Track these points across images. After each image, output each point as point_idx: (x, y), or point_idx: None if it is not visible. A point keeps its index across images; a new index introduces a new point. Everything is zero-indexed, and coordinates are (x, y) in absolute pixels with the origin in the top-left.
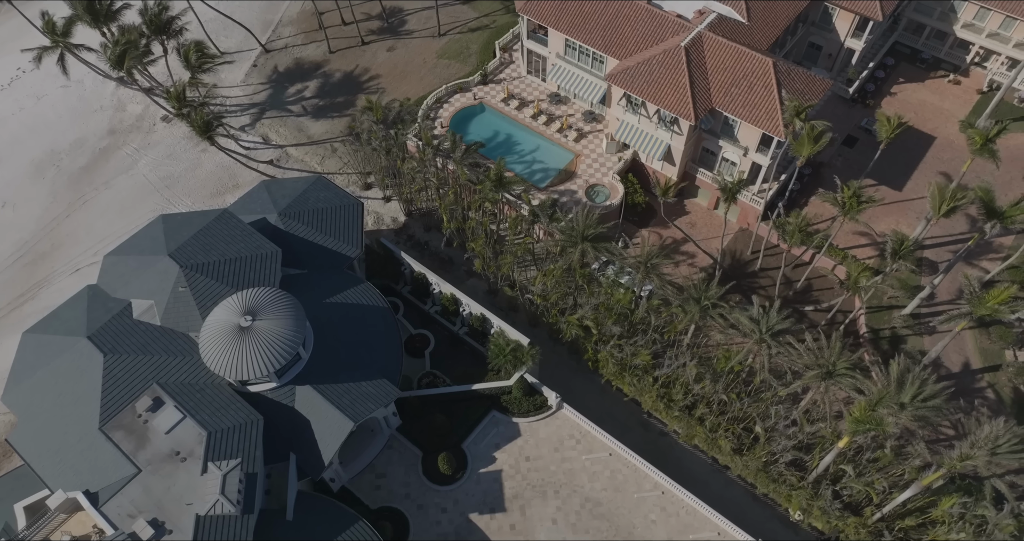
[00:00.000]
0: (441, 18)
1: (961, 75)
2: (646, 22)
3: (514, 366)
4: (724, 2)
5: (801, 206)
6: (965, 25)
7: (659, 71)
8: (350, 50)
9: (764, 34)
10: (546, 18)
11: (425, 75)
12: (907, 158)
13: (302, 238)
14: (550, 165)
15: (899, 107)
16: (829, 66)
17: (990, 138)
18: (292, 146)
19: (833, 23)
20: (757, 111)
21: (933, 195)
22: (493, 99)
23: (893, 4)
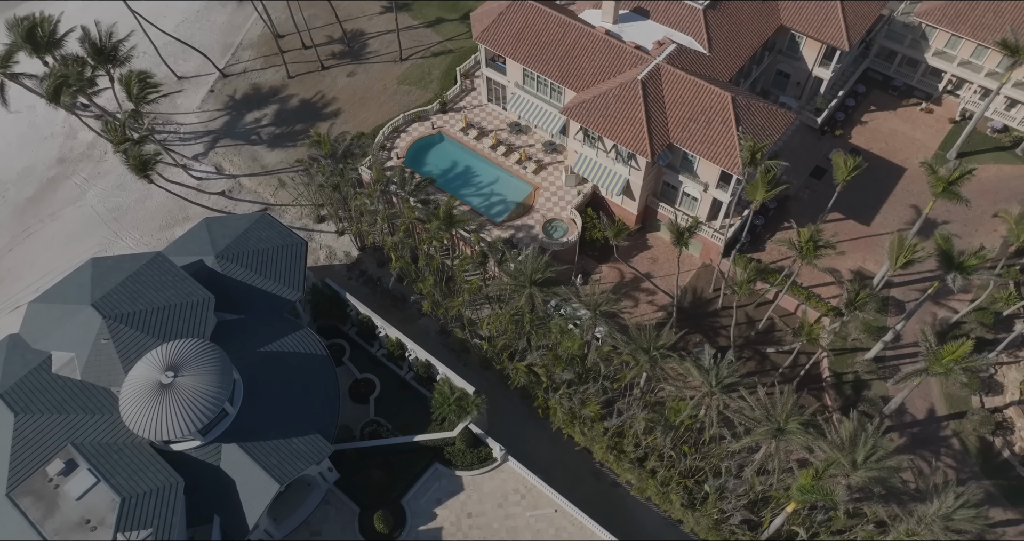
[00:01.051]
0: (404, 42)
1: (934, 103)
2: (604, 53)
3: (458, 416)
4: (685, 32)
5: (766, 240)
6: (936, 53)
7: (615, 105)
8: (309, 75)
9: (726, 65)
10: (503, 47)
11: (385, 102)
12: (876, 191)
13: (240, 281)
14: (508, 198)
15: (869, 136)
16: (798, 94)
17: (951, 181)
18: (245, 176)
19: (801, 51)
20: (715, 147)
21: (891, 246)
22: (452, 128)
23: (861, 33)
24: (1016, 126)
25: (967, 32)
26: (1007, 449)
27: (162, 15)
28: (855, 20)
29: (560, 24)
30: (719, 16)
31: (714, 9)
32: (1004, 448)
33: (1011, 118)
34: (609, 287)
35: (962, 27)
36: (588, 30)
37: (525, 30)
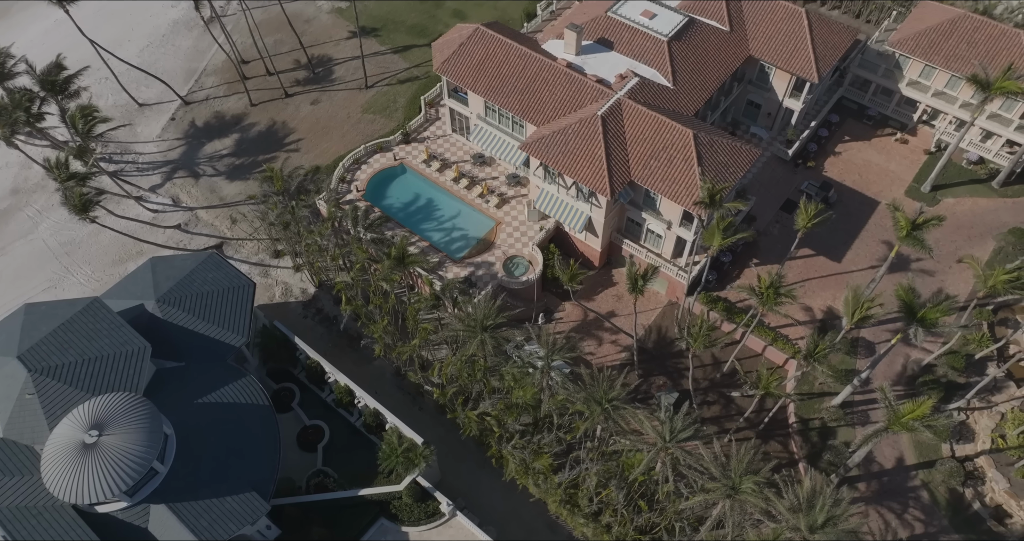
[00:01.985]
0: (370, 68)
1: (909, 134)
2: (564, 87)
3: (406, 469)
4: (649, 64)
5: (733, 279)
6: (911, 83)
7: (575, 141)
8: (273, 103)
9: (691, 98)
10: (464, 79)
11: (348, 131)
12: (848, 225)
13: (182, 327)
14: (469, 233)
15: (843, 168)
16: (769, 125)
17: (918, 224)
18: (203, 209)
19: (771, 82)
20: (676, 186)
21: (846, 301)
22: (415, 160)
23: (831, 65)
24: (992, 158)
25: (940, 63)
26: (977, 501)
27: (127, 39)
28: (825, 51)
29: (521, 56)
30: (684, 48)
31: (679, 40)
32: (974, 500)
33: (986, 150)
34: (572, 326)
35: (935, 57)
36: (549, 63)
37: (486, 62)
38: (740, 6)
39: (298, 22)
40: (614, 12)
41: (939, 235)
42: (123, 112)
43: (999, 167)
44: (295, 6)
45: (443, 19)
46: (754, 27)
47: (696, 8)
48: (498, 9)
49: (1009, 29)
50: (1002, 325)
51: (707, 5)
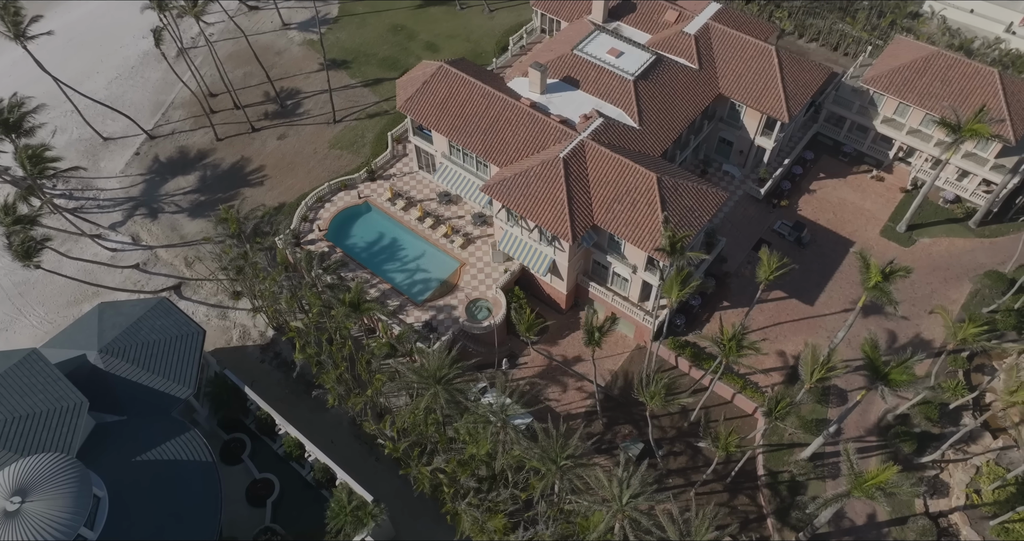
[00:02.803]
0: (339, 102)
1: (885, 171)
2: (528, 127)
3: (355, 528)
4: (615, 104)
5: (703, 321)
6: (885, 120)
7: (536, 184)
8: (239, 137)
9: (657, 139)
10: (426, 118)
11: (314, 167)
12: (822, 266)
13: (125, 379)
14: (433, 275)
15: (817, 206)
16: (742, 162)
17: (887, 274)
18: (163, 247)
19: (742, 120)
20: (640, 231)
21: (805, 361)
22: (380, 198)
23: (802, 104)
24: (968, 197)
25: (914, 101)
26: None
27: (96, 71)
28: (796, 90)
29: (484, 95)
30: (651, 87)
31: (646, 80)
32: None
33: (963, 189)
34: (537, 372)
35: (909, 95)
36: (512, 102)
37: (449, 100)
38: (710, 43)
39: (268, 54)
40: (580, 50)
41: (915, 277)
42: (87, 146)
43: (976, 206)
44: (267, 37)
45: (415, 52)
46: (724, 65)
47: (665, 45)
48: (471, 41)
49: (983, 68)
50: (979, 371)
51: (676, 42)
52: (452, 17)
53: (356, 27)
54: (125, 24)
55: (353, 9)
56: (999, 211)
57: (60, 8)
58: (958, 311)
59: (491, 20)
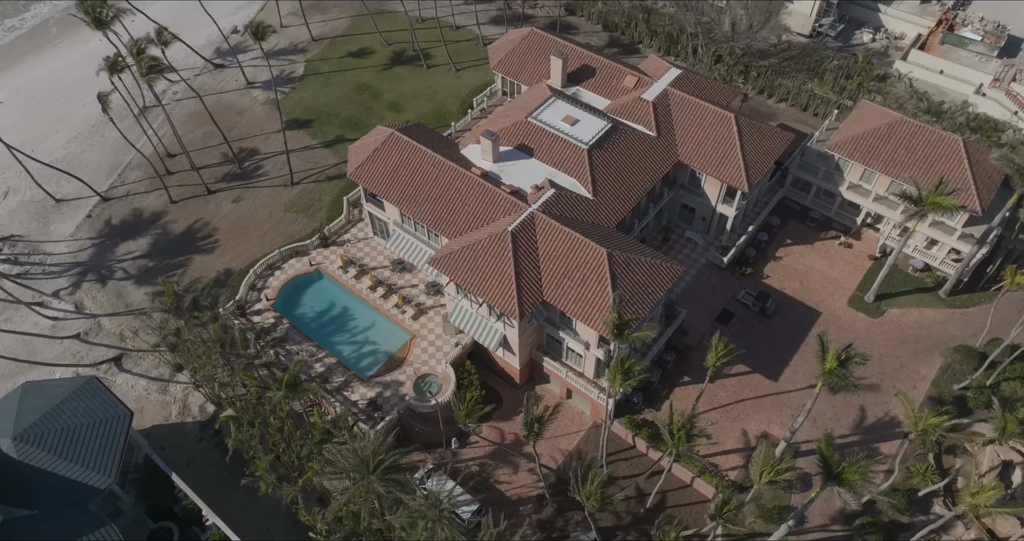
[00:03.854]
0: (298, 164)
1: (853, 237)
2: (478, 198)
3: None
4: (569, 173)
5: (663, 397)
6: (852, 186)
7: (484, 258)
8: (194, 200)
9: (612, 210)
10: (377, 186)
11: (268, 232)
12: (787, 339)
13: (39, 469)
14: (381, 348)
15: (783, 274)
16: (705, 229)
17: (843, 361)
18: (107, 316)
19: (703, 187)
20: (590, 308)
21: (755, 461)
22: (331, 265)
23: (763, 172)
24: (938, 266)
25: (879, 168)
26: None
27: (55, 130)
28: (756, 158)
29: (435, 164)
30: (606, 156)
31: (600, 148)
32: None
33: (932, 257)
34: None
35: (874, 162)
36: (463, 172)
37: (400, 168)
38: (669, 110)
39: (231, 113)
40: (534, 117)
41: (884, 350)
42: (39, 208)
43: (946, 275)
44: (231, 96)
45: (378, 112)
46: (683, 132)
47: (623, 112)
48: (436, 101)
49: (947, 135)
50: (951, 453)
51: (634, 108)
52: (418, 76)
53: (321, 86)
54: (88, 82)
55: (319, 68)
56: (970, 280)
57: (27, 66)
58: (928, 387)
59: (457, 79)
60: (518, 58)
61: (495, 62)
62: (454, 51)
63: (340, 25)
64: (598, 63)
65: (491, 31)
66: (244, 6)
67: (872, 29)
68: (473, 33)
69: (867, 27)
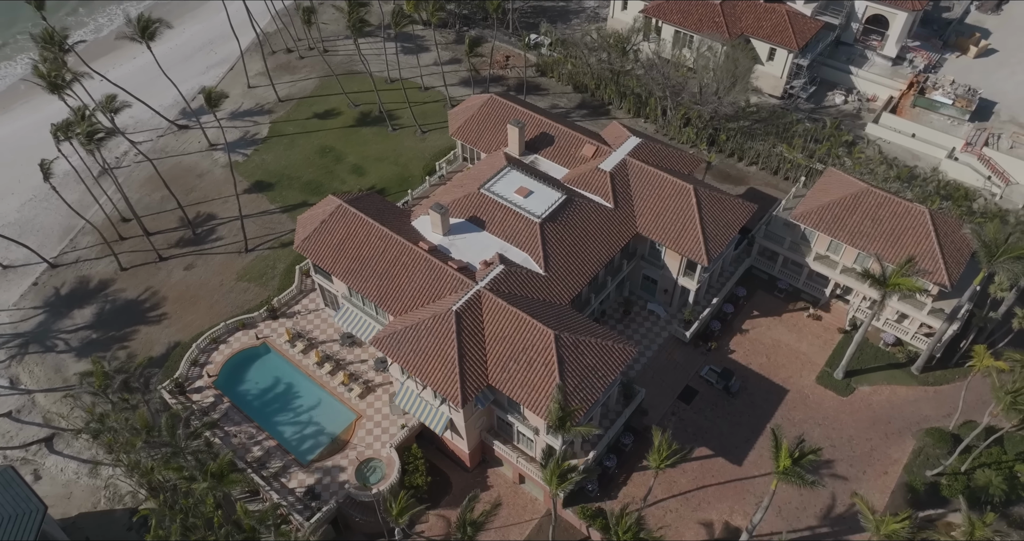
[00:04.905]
0: (255, 229)
1: (822, 309)
2: (425, 274)
3: None
4: (521, 248)
5: (620, 484)
6: (819, 257)
7: (427, 339)
8: (144, 267)
9: (565, 286)
10: (323, 260)
11: (218, 301)
12: (752, 420)
13: None
14: (325, 429)
15: (749, 349)
16: (667, 301)
17: (796, 459)
18: (42, 392)
19: (663, 259)
20: (536, 394)
21: None
22: (279, 339)
23: (722, 246)
24: (910, 340)
25: (846, 240)
26: None
27: (11, 192)
28: (716, 231)
29: (382, 238)
30: (559, 229)
31: (554, 221)
32: None
33: (903, 330)
34: None
35: (840, 234)
36: (410, 247)
37: (347, 241)
38: (627, 180)
39: (190, 176)
40: (487, 189)
41: (854, 431)
42: None
43: (918, 350)
44: (192, 158)
45: (340, 175)
46: (641, 203)
47: (580, 182)
48: (399, 165)
49: (914, 207)
50: None
51: (592, 179)
52: (383, 139)
53: (284, 148)
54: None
55: (283, 129)
56: (943, 355)
57: None
58: (900, 473)
59: (422, 142)
60: (477, 125)
61: (454, 129)
62: (421, 113)
63: (308, 86)
64: (557, 131)
65: (459, 92)
66: (215, 66)
67: (844, 91)
68: (442, 94)
69: (839, 89)
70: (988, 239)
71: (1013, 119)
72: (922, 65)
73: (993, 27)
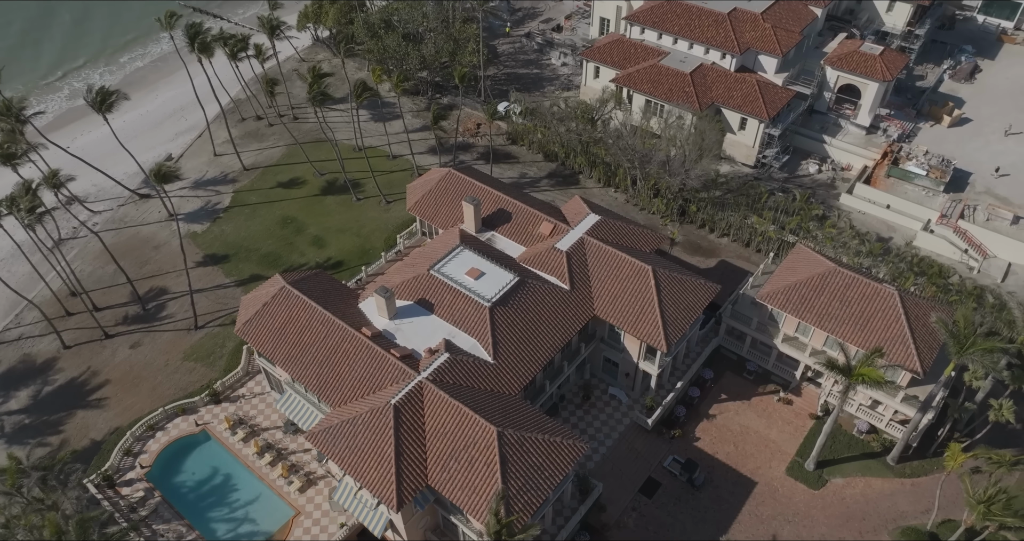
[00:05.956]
0: (207, 305)
1: (792, 393)
2: (366, 362)
3: None
4: (469, 333)
5: None
6: (787, 339)
7: (363, 435)
8: (89, 345)
9: (516, 375)
10: (263, 345)
11: (161, 383)
12: (719, 514)
13: None
14: (260, 527)
15: (716, 436)
16: (629, 385)
17: None
18: None
19: (623, 342)
20: (477, 497)
21: None
22: (219, 425)
23: (682, 331)
24: (885, 428)
25: (813, 322)
26: None
27: None
28: (675, 315)
29: (324, 322)
30: (510, 314)
31: (505, 305)
32: None
33: (878, 417)
34: None
35: (808, 316)
36: (351, 333)
37: (288, 326)
38: (584, 260)
39: (147, 248)
40: (437, 270)
41: (826, 529)
42: None
43: (893, 439)
44: (151, 229)
45: (300, 247)
46: (599, 284)
47: (536, 262)
48: (361, 236)
49: (883, 288)
50: None
51: (548, 259)
52: (347, 209)
53: (244, 219)
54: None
55: (246, 199)
56: (920, 444)
57: None
58: None
59: (386, 213)
60: (434, 200)
61: (411, 204)
62: (388, 182)
63: (275, 154)
64: (514, 207)
65: (428, 160)
66: (184, 132)
67: (818, 160)
68: (409, 162)
69: (813, 158)
70: (956, 330)
71: (988, 190)
72: (896, 134)
73: (967, 96)
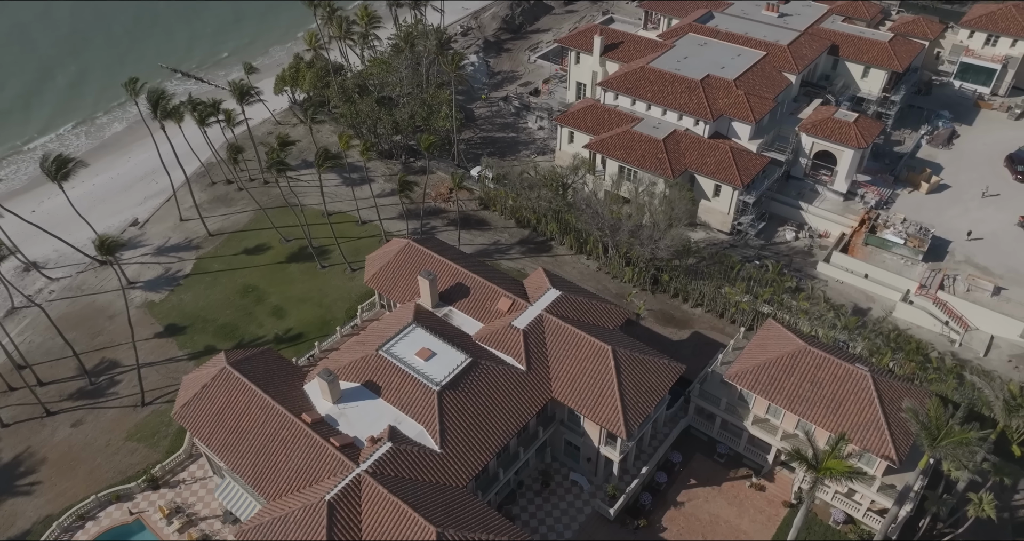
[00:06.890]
0: (157, 379)
1: (765, 478)
2: (304, 451)
3: None
4: (416, 419)
5: None
6: (757, 421)
7: (294, 534)
8: (28, 423)
9: (464, 465)
10: (199, 430)
11: (99, 465)
12: None
13: None
14: None
15: (684, 526)
16: (592, 471)
17: None
18: None
19: (583, 426)
20: None
21: None
22: (155, 514)
23: (644, 416)
24: (862, 518)
25: (783, 404)
26: None
27: None
28: (636, 399)
29: (263, 407)
30: (461, 398)
31: (455, 389)
32: None
33: (855, 506)
34: None
35: (778, 398)
36: (290, 420)
37: (226, 410)
38: (543, 339)
39: (101, 318)
40: (386, 350)
41: None
42: None
43: (872, 530)
44: (105, 298)
45: (259, 318)
46: (557, 364)
47: (491, 340)
48: (323, 307)
49: (855, 370)
50: None
51: (504, 337)
52: (311, 277)
53: (205, 287)
54: None
55: (208, 266)
56: (901, 537)
57: None
58: None
59: (350, 281)
60: (392, 273)
61: (369, 276)
62: (355, 248)
63: (243, 219)
64: (472, 282)
65: (397, 226)
66: (152, 196)
67: (795, 226)
68: (378, 229)
69: (790, 224)
70: (928, 421)
71: (968, 259)
72: (873, 201)
73: (945, 162)
